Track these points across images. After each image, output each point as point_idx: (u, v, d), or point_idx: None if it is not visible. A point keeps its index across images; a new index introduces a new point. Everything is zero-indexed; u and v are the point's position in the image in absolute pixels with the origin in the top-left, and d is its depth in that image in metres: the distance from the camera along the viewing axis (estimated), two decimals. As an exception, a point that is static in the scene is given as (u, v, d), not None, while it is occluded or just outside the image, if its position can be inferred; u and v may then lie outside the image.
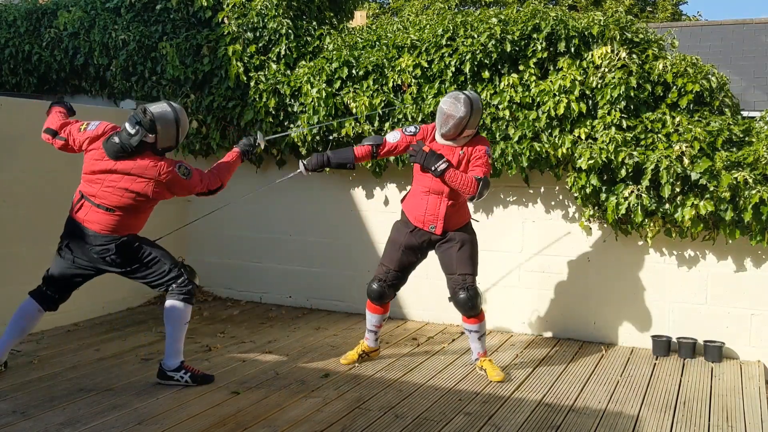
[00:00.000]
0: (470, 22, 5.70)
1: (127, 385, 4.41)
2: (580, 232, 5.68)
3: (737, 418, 4.13)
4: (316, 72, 6.04)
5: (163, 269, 4.35)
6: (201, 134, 6.56)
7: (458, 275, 4.63)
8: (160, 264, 4.36)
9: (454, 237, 4.66)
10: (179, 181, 4.27)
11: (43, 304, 4.42)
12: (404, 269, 4.81)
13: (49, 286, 4.43)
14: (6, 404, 4.04)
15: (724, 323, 5.32)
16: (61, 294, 4.46)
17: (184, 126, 4.33)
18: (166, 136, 4.23)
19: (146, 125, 4.16)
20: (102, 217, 4.24)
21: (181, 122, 4.28)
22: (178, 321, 4.37)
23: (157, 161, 4.22)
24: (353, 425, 3.88)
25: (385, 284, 4.80)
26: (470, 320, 4.72)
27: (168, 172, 4.23)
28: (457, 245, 4.64)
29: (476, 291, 4.63)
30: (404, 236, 4.76)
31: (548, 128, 5.37)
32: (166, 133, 4.22)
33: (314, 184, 6.54)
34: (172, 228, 6.89)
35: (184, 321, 4.39)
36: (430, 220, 4.67)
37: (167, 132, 4.22)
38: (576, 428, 3.93)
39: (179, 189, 4.35)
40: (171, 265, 4.38)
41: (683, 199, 5.04)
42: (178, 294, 4.35)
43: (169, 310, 4.36)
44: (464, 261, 4.64)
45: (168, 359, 4.42)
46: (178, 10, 6.64)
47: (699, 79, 5.18)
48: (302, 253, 6.67)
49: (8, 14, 7.34)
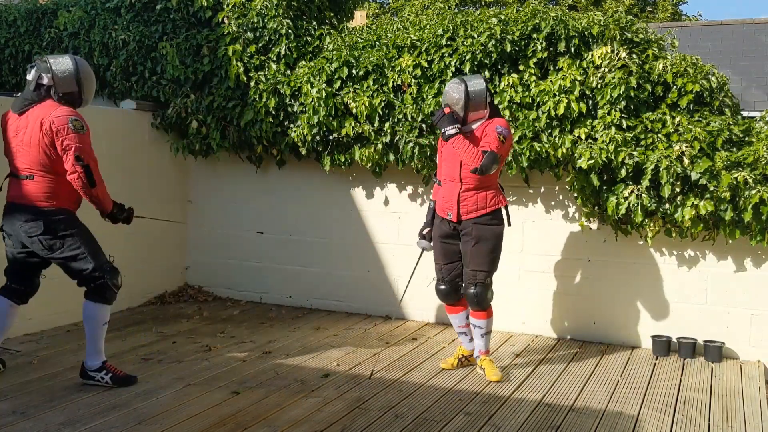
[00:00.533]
0: (470, 22, 5.70)
1: (128, 385, 4.40)
2: (580, 232, 5.68)
3: (737, 418, 4.13)
4: (316, 72, 6.04)
5: (85, 267, 4.25)
6: (201, 134, 6.56)
7: (470, 270, 4.65)
8: (83, 261, 4.25)
9: (472, 232, 4.62)
10: (66, 130, 4.10)
11: (12, 299, 4.39)
12: (452, 257, 4.77)
13: (10, 279, 4.41)
14: (6, 404, 4.03)
15: (724, 323, 5.32)
16: (25, 285, 4.40)
17: (84, 70, 4.27)
18: (64, 80, 4.20)
19: (42, 67, 4.18)
20: (24, 187, 4.19)
21: (79, 64, 4.25)
22: (93, 321, 4.32)
23: (56, 106, 4.17)
24: (353, 425, 3.88)
25: (446, 281, 4.79)
26: (476, 315, 4.73)
27: (61, 116, 4.12)
28: (473, 241, 4.62)
29: (485, 287, 4.64)
30: (438, 229, 4.80)
31: (548, 128, 5.37)
32: (64, 78, 4.19)
33: (314, 184, 6.55)
34: (173, 229, 6.92)
35: (101, 321, 4.33)
36: (447, 207, 4.70)
37: (64, 75, 4.19)
38: (576, 428, 3.93)
39: (63, 139, 4.11)
40: (95, 263, 4.26)
41: (683, 199, 5.04)
42: (93, 294, 4.29)
43: (85, 310, 4.32)
44: (478, 257, 4.62)
45: (88, 359, 4.38)
46: (178, 10, 6.64)
47: (699, 79, 5.18)
48: (302, 253, 6.66)
49: (8, 14, 7.34)
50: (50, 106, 4.17)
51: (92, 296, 4.30)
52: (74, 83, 4.24)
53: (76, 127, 4.13)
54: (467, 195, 4.63)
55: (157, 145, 6.75)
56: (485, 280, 4.65)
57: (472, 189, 4.62)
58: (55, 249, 4.23)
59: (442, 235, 4.78)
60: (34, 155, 4.16)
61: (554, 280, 5.78)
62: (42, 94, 4.21)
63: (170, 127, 6.70)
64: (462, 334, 4.94)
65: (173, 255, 6.97)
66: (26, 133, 4.17)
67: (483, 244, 4.62)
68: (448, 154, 4.70)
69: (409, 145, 5.76)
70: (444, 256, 4.79)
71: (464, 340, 4.94)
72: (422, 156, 5.74)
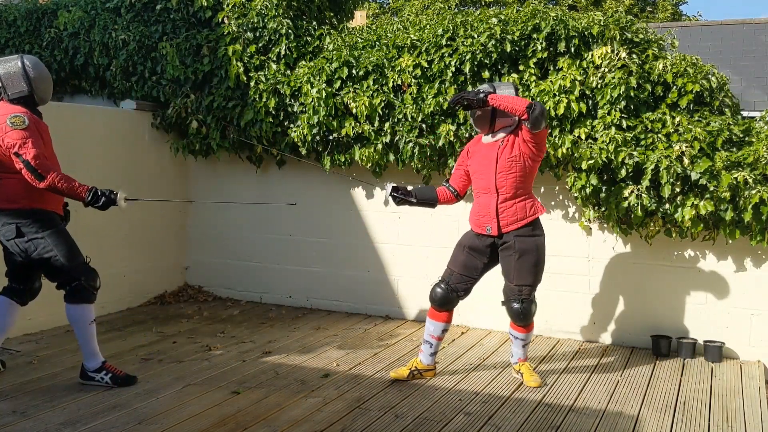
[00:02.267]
0: (470, 22, 5.70)
1: (128, 385, 4.40)
2: (580, 232, 5.68)
3: (737, 418, 4.13)
4: (316, 72, 6.04)
5: (59, 269, 4.24)
6: (201, 134, 6.56)
7: (515, 285, 4.47)
8: (56, 264, 4.23)
9: (514, 245, 4.44)
10: (4, 130, 4.07)
11: (13, 298, 4.39)
12: (469, 273, 4.56)
13: (10, 280, 4.41)
14: (6, 404, 4.04)
15: (724, 323, 5.32)
16: (24, 284, 4.40)
17: (34, 68, 4.24)
18: (12, 81, 4.20)
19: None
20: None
21: (28, 63, 4.22)
22: (78, 323, 4.30)
23: (4, 106, 4.16)
24: (353, 425, 3.88)
25: (448, 287, 4.58)
26: (519, 329, 4.60)
27: (2, 116, 4.10)
28: (516, 255, 4.44)
29: (530, 303, 4.48)
30: (469, 239, 4.61)
31: (548, 128, 5.37)
32: (12, 77, 4.19)
33: (314, 184, 6.55)
34: (172, 229, 6.93)
35: (86, 321, 4.31)
36: (485, 221, 4.52)
37: (12, 75, 4.19)
38: (576, 428, 3.93)
39: (3, 138, 4.08)
40: (68, 265, 4.23)
41: (683, 199, 5.03)
42: (71, 296, 4.27)
43: (68, 314, 4.31)
44: (522, 271, 4.44)
45: (86, 361, 4.38)
46: (178, 10, 6.64)
47: (699, 79, 5.18)
48: (302, 253, 6.67)
49: (8, 14, 7.34)
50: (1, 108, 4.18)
51: (71, 298, 4.28)
52: (23, 83, 4.23)
53: (15, 123, 4.09)
54: (505, 206, 4.46)
55: (157, 145, 6.75)
56: (530, 295, 4.48)
57: (509, 199, 4.45)
58: (30, 252, 4.21)
59: (471, 246, 4.57)
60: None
61: (554, 280, 5.77)
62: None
63: (170, 127, 6.70)
64: (427, 344, 4.66)
65: (173, 255, 6.97)
66: None
67: (527, 258, 4.44)
68: (480, 165, 4.56)
69: (409, 145, 5.76)
70: (464, 267, 4.57)
71: (425, 351, 4.68)
72: (422, 156, 5.74)
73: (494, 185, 4.49)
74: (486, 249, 4.56)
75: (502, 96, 4.37)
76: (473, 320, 6.10)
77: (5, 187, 4.19)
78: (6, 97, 4.23)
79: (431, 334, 4.68)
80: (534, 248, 4.47)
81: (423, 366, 4.70)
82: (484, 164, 4.53)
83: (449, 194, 4.79)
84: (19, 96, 4.24)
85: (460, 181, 4.77)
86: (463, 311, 6.10)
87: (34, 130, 4.16)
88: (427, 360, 4.71)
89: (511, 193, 4.47)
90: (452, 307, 4.65)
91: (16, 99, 4.23)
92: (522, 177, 4.47)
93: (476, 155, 4.62)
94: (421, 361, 4.71)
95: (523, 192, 4.49)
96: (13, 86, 4.22)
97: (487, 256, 4.57)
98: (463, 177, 4.75)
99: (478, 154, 4.60)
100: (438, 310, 4.64)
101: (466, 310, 6.08)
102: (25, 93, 4.25)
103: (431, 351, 4.69)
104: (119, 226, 6.29)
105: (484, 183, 4.55)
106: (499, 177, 4.47)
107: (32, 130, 4.14)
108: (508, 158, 4.43)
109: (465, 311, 6.08)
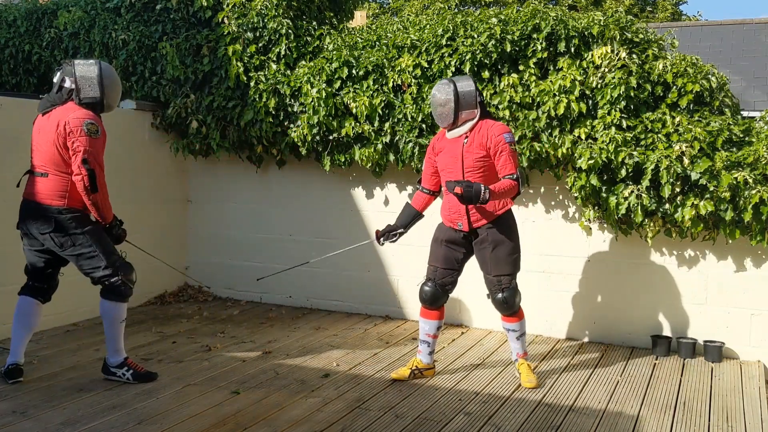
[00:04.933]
0: (470, 22, 5.70)
1: (127, 385, 4.40)
2: (580, 232, 5.68)
3: (737, 418, 4.13)
4: (316, 72, 6.04)
5: (98, 265, 4.29)
6: (201, 134, 6.56)
7: (493, 276, 4.52)
8: (95, 259, 4.29)
9: (487, 237, 4.50)
10: (78, 132, 4.14)
11: (37, 297, 4.43)
12: (451, 265, 4.61)
13: (31, 278, 4.45)
14: (6, 404, 4.03)
15: (724, 323, 5.32)
16: (46, 282, 4.45)
17: (109, 76, 4.32)
18: (87, 84, 4.25)
19: (67, 71, 4.25)
20: (39, 184, 4.24)
21: (104, 70, 4.29)
22: (110, 319, 4.37)
23: (75, 109, 4.22)
24: (353, 425, 3.88)
25: (435, 283, 4.61)
26: (508, 319, 4.63)
27: (76, 119, 4.17)
28: (491, 247, 4.49)
29: (513, 291, 4.52)
30: (444, 232, 4.65)
31: (548, 128, 5.37)
32: (87, 80, 4.24)
33: (314, 184, 6.55)
34: (173, 229, 6.93)
35: (118, 319, 4.38)
36: (455, 218, 4.57)
37: (87, 78, 4.24)
38: (576, 428, 3.93)
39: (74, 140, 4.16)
40: (106, 261, 4.30)
41: (683, 199, 5.03)
42: (108, 293, 4.34)
43: (101, 308, 4.38)
44: (498, 262, 4.49)
45: (109, 356, 4.46)
46: (178, 10, 6.63)
47: (699, 79, 5.18)
48: (302, 253, 6.66)
49: (8, 14, 7.34)
50: (70, 109, 4.23)
51: (107, 294, 4.36)
52: (97, 88, 4.28)
53: (90, 130, 4.18)
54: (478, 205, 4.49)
55: (157, 145, 6.75)
56: (510, 284, 4.51)
57: None
58: (66, 246, 4.27)
59: (448, 240, 4.62)
60: (49, 154, 4.23)
61: (554, 280, 5.78)
62: (64, 96, 4.27)
63: (170, 127, 6.70)
64: (424, 344, 4.69)
65: (173, 255, 6.96)
66: (45, 133, 4.24)
67: (501, 248, 4.49)
68: (446, 163, 4.58)
69: (409, 145, 5.76)
70: (444, 260, 4.61)
71: (424, 350, 4.70)
72: (422, 156, 5.74)
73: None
74: (462, 240, 4.62)
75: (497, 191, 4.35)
76: (473, 320, 6.10)
77: (51, 183, 4.24)
78: (77, 99, 4.27)
79: (427, 333, 4.70)
80: (507, 237, 4.52)
81: (423, 365, 4.72)
82: (451, 162, 4.55)
83: (425, 197, 4.81)
84: (90, 101, 4.28)
85: (432, 179, 4.78)
86: (463, 311, 6.10)
87: (103, 142, 4.27)
88: (427, 359, 4.73)
89: None
90: (443, 303, 4.69)
91: (86, 103, 4.27)
92: (490, 175, 4.48)
93: (442, 152, 4.62)
94: (420, 360, 4.73)
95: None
96: (86, 90, 4.27)
97: (465, 247, 4.64)
98: (435, 175, 4.76)
99: (444, 151, 4.61)
100: (429, 309, 4.67)
101: (466, 310, 6.09)
102: (97, 98, 4.30)
103: (429, 350, 4.71)
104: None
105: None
106: (466, 176, 4.49)
107: (102, 142, 4.25)
108: (475, 159, 4.45)
109: (465, 311, 6.09)
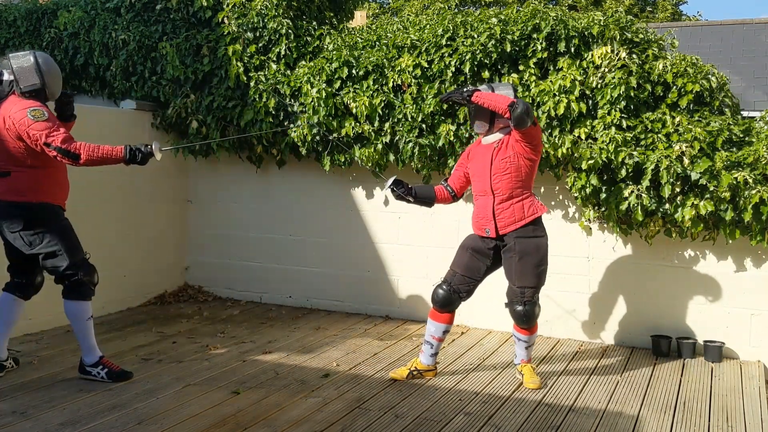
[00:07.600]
0: (470, 22, 5.70)
1: (127, 385, 4.40)
2: (580, 232, 5.68)
3: (737, 418, 4.13)
4: (316, 72, 6.04)
5: (60, 264, 4.30)
6: (201, 134, 6.56)
7: (517, 287, 4.45)
8: (58, 259, 4.30)
9: (515, 246, 4.42)
10: (27, 123, 4.13)
11: (16, 293, 4.45)
12: (471, 274, 4.54)
13: (12, 274, 4.47)
14: (6, 404, 4.03)
15: (724, 323, 5.32)
16: (26, 278, 4.46)
17: (45, 62, 4.33)
18: (26, 73, 4.26)
19: (4, 64, 4.28)
20: (3, 185, 4.23)
21: (40, 58, 4.30)
22: (76, 318, 4.38)
23: (17, 101, 4.23)
24: (353, 425, 3.88)
25: (450, 288, 4.56)
26: (522, 331, 4.59)
27: (19, 111, 4.17)
28: (517, 256, 4.41)
29: (534, 305, 4.45)
30: (473, 240, 4.60)
31: (548, 128, 5.37)
32: (25, 70, 4.26)
33: (314, 184, 6.55)
34: (173, 229, 6.93)
35: (83, 317, 4.38)
36: (484, 223, 4.51)
37: (24, 68, 4.26)
38: (576, 428, 3.93)
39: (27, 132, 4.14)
40: (69, 261, 4.30)
41: (683, 199, 5.04)
42: (69, 292, 4.35)
43: (66, 309, 4.39)
44: (523, 273, 4.41)
45: (84, 356, 4.47)
46: (178, 10, 6.63)
47: (699, 79, 5.18)
48: (302, 253, 6.67)
49: (8, 14, 7.33)
50: (12, 102, 4.24)
51: (69, 294, 4.36)
52: (36, 76, 4.29)
53: (36, 116, 4.16)
54: (502, 207, 4.44)
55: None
56: (533, 297, 4.44)
57: (506, 200, 4.43)
58: (35, 245, 4.28)
59: (474, 248, 4.56)
60: (5, 151, 4.22)
61: (554, 280, 5.77)
62: (6, 90, 4.29)
63: (170, 127, 6.70)
64: (428, 345, 4.66)
65: (173, 255, 6.97)
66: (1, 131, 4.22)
67: (528, 259, 4.40)
68: (477, 168, 4.56)
69: (409, 145, 5.76)
70: (465, 268, 4.55)
71: (426, 351, 4.67)
72: (422, 156, 5.74)
73: (490, 187, 4.49)
74: (489, 251, 4.55)
75: (486, 94, 4.36)
76: (473, 320, 6.10)
77: (15, 180, 4.24)
78: (18, 90, 4.28)
79: (432, 335, 4.67)
80: (535, 249, 4.44)
81: (423, 366, 4.70)
82: (481, 167, 4.54)
83: (446, 193, 4.79)
84: (31, 89, 4.29)
85: (458, 181, 4.77)
86: (463, 311, 6.09)
87: (54, 118, 4.26)
88: (428, 360, 4.71)
89: (507, 194, 4.45)
90: (454, 308, 4.64)
91: (29, 92, 4.29)
92: (518, 177, 4.44)
93: (475, 157, 4.62)
94: (421, 361, 4.71)
95: (521, 192, 4.46)
96: (25, 80, 4.28)
97: (490, 258, 4.56)
98: (462, 178, 4.75)
99: (477, 157, 4.61)
100: (439, 311, 4.63)
101: (466, 310, 6.08)
102: (37, 86, 4.30)
103: (432, 352, 4.69)
104: (119, 226, 6.29)
105: (480, 185, 4.56)
106: (494, 179, 4.46)
107: (53, 118, 4.24)
108: (502, 159, 4.43)
109: (465, 311, 6.08)
